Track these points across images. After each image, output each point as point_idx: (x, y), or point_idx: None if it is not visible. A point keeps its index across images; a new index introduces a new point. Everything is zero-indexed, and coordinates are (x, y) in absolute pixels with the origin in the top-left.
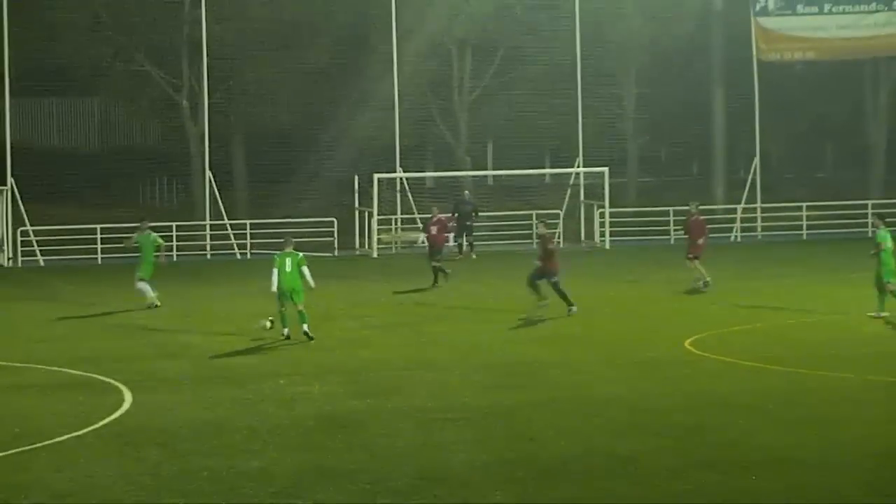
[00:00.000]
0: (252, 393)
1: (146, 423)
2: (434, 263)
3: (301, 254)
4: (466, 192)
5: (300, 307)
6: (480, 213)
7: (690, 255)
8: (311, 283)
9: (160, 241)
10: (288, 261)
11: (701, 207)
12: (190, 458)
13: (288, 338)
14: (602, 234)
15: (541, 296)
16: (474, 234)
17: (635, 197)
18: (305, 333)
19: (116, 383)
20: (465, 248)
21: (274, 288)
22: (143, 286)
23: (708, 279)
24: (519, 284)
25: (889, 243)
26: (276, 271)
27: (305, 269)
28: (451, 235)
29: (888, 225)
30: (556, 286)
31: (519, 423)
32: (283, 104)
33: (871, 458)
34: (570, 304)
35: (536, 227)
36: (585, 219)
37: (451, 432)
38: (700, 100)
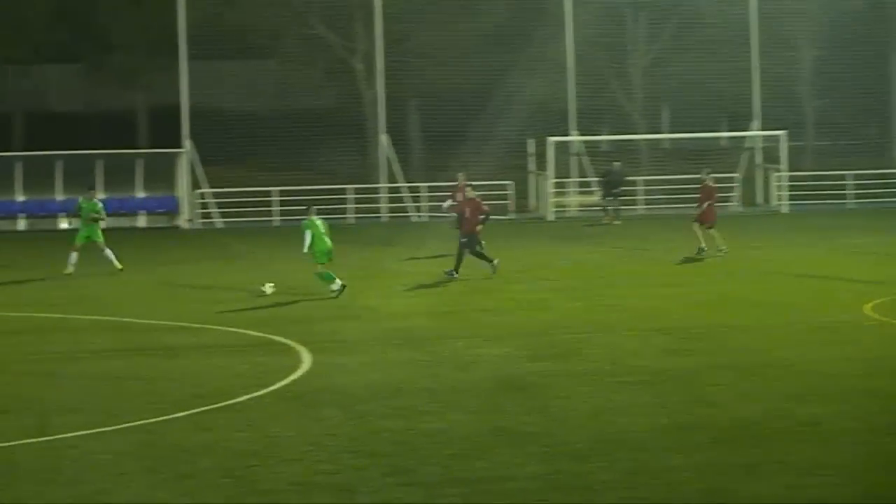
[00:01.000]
0: (430, 355)
1: (325, 384)
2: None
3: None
4: (617, 163)
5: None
6: (652, 177)
7: (701, 222)
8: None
9: (102, 210)
10: (319, 224)
11: (878, 171)
12: (368, 420)
13: (344, 287)
14: (779, 198)
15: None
16: (619, 199)
17: (812, 160)
18: (337, 287)
19: (295, 345)
20: (610, 212)
21: (306, 249)
22: (107, 252)
23: (703, 246)
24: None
25: None
26: (309, 234)
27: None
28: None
29: None
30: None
31: (697, 387)
32: (457, 66)
33: None
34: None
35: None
36: (762, 182)
37: (628, 395)
38: (879, 61)
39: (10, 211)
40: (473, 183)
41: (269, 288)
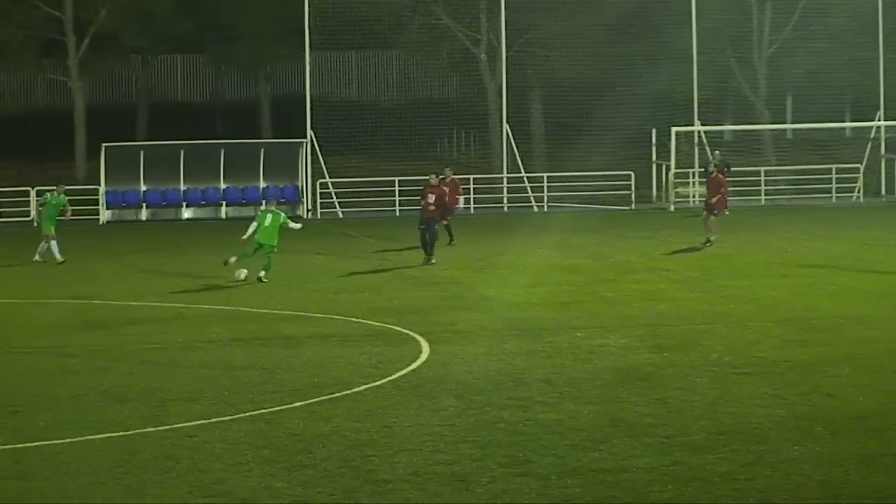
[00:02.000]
0: (548, 345)
1: (443, 374)
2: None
3: (283, 214)
4: (717, 152)
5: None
6: (775, 167)
7: (711, 211)
8: (297, 227)
9: (67, 205)
10: (269, 217)
11: None
12: (486, 410)
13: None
14: None
15: None
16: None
17: None
18: (259, 278)
19: (414, 334)
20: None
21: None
22: (51, 244)
23: (712, 238)
24: (818, 239)
25: None
26: (255, 225)
27: (292, 224)
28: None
29: None
30: None
31: (816, 379)
32: (580, 57)
33: None
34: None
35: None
36: (886, 173)
37: (747, 387)
38: None
39: (135, 201)
40: (595, 173)
41: (243, 273)
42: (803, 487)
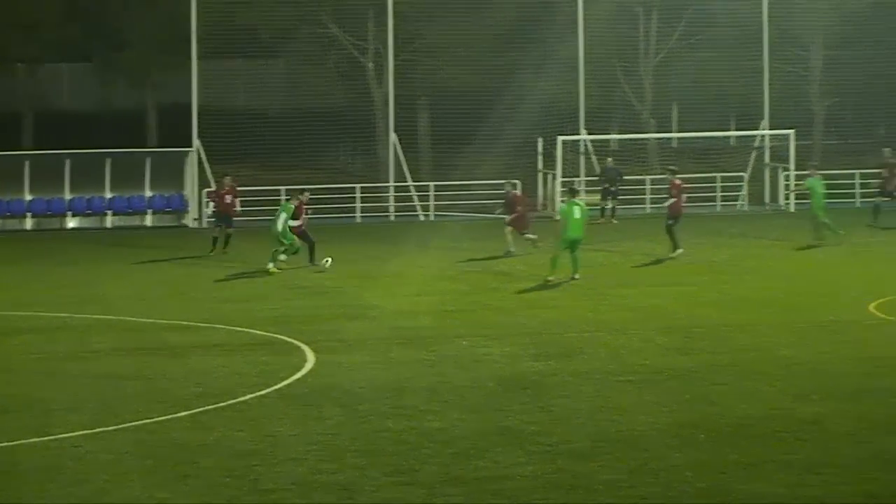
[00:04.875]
0: (433, 354)
1: (328, 383)
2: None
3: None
4: (610, 159)
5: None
6: (660, 177)
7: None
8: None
9: None
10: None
11: None
12: (371, 419)
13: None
14: (787, 197)
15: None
16: (617, 198)
17: (820, 160)
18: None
19: (299, 344)
20: (607, 212)
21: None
22: None
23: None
24: (702, 247)
25: None
26: (284, 216)
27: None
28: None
29: None
30: None
31: (699, 386)
32: (467, 66)
33: None
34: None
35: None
36: (770, 181)
37: (630, 395)
38: (888, 60)
39: (19, 210)
40: (482, 182)
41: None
42: (685, 494)
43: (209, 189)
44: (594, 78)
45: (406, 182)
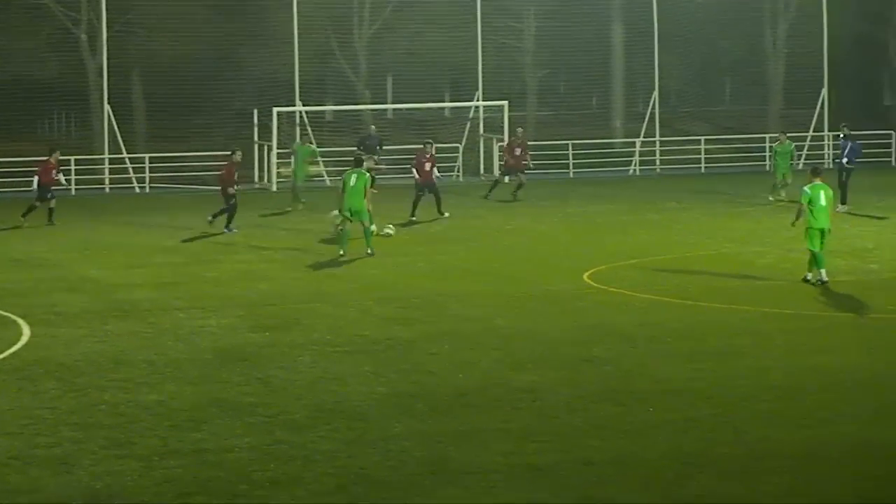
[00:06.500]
0: (150, 326)
1: (44, 356)
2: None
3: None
4: (372, 126)
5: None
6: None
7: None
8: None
9: None
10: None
11: (600, 140)
12: (88, 392)
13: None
14: (500, 168)
15: None
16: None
17: (534, 130)
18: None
19: (14, 317)
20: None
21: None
22: None
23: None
24: (422, 220)
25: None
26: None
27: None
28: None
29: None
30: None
31: (417, 356)
32: (183, 37)
33: (769, 391)
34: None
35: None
36: (484, 152)
37: (348, 365)
38: (599, 33)
39: None
40: (200, 154)
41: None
42: (404, 464)
43: None
44: (309, 50)
45: (122, 154)
